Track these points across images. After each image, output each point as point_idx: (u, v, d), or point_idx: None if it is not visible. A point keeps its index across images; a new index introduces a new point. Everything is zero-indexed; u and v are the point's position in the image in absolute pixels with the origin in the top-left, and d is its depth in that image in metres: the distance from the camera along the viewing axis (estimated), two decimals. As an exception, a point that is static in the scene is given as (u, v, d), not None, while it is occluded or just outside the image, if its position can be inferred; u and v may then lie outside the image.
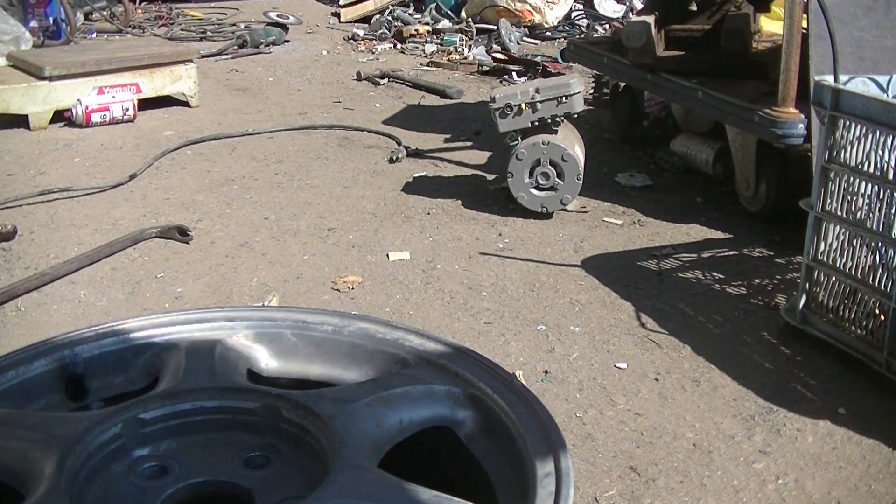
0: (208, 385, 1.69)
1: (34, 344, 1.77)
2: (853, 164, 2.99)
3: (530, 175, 4.33)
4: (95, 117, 5.77)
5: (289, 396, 1.65)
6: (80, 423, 1.54)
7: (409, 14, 9.66)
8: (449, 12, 9.53)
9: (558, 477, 1.47)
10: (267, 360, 1.90)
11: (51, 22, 7.76)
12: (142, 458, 1.57)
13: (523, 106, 4.31)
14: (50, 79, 5.76)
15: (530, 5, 9.11)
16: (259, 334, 1.92)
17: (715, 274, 3.78)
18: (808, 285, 3.20)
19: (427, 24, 9.22)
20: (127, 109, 5.90)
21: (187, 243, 4.04)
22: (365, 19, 9.79)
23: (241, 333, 1.91)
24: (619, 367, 3.10)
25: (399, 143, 5.47)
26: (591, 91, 6.25)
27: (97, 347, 1.82)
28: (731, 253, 4.00)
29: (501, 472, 1.64)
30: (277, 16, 9.14)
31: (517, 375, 3.00)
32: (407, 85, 7.20)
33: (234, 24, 9.41)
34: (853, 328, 3.05)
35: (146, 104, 6.13)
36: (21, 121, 5.70)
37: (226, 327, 1.92)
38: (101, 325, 1.87)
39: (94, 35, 8.65)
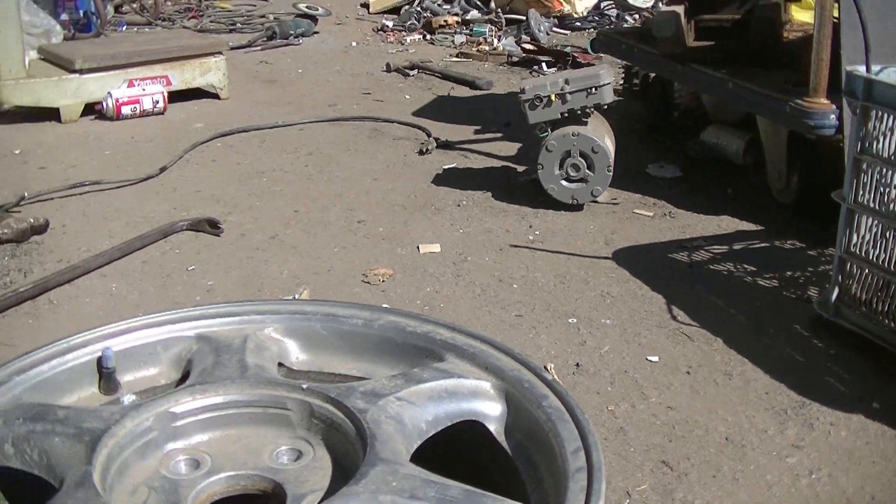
0: (239, 378, 1.70)
1: (67, 337, 1.78)
2: (886, 155, 2.96)
3: (560, 167, 4.32)
4: (126, 110, 5.79)
5: (319, 390, 1.65)
6: (111, 417, 1.55)
7: (438, 5, 9.64)
8: (478, 3, 9.51)
9: (590, 471, 1.46)
10: (297, 354, 1.91)
11: (81, 15, 7.80)
12: (173, 452, 1.58)
13: (553, 97, 4.30)
14: (81, 72, 5.79)
15: (560, -5, 9.08)
16: (289, 328, 1.92)
17: (747, 266, 3.76)
18: (840, 278, 3.17)
19: (456, 14, 9.20)
20: (157, 102, 5.92)
21: (218, 236, 4.05)
22: (394, 10, 9.78)
23: (271, 327, 1.91)
24: (651, 361, 3.09)
25: (429, 135, 5.47)
26: (621, 82, 6.22)
27: (128, 341, 1.83)
28: (762, 245, 3.98)
29: (532, 466, 1.64)
30: (307, 7, 9.14)
31: (548, 368, 2.99)
32: (436, 76, 7.19)
33: (264, 16, 9.43)
34: (887, 321, 3.02)
35: (176, 96, 6.15)
36: (52, 114, 5.73)
37: (256, 321, 1.92)
38: (133, 319, 1.87)
39: (124, 28, 8.69)
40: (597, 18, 9.21)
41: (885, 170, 2.98)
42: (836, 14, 3.81)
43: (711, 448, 2.64)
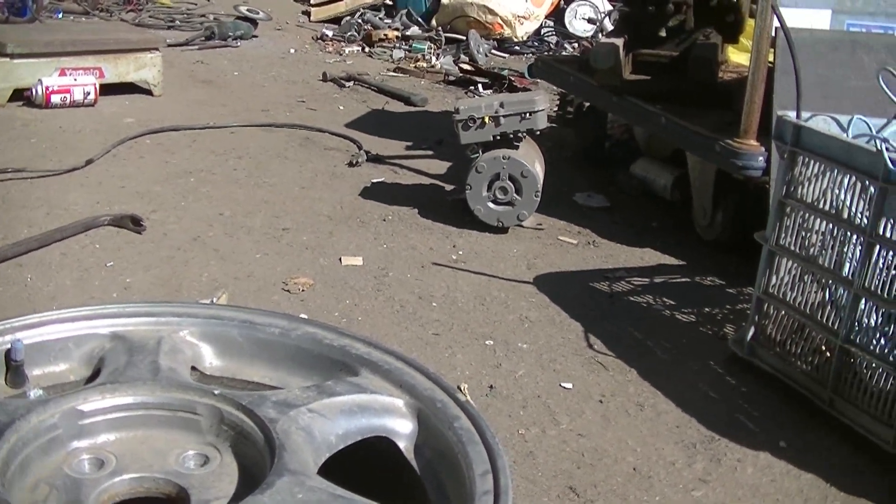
0: (150, 380, 1.68)
1: (-25, 327, 1.75)
2: (809, 200, 3.01)
3: (488, 189, 4.33)
4: (56, 99, 5.71)
5: (231, 397, 1.64)
6: (16, 411, 1.52)
7: (380, 18, 9.65)
8: (419, 19, 9.53)
9: (497, 495, 1.46)
10: (211, 359, 1.89)
11: (17, -2, 7.69)
12: (78, 450, 1.55)
13: (486, 119, 4.31)
14: (12, 56, 5.70)
15: (501, 19, 9.13)
16: (205, 332, 1.90)
17: (666, 300, 3.80)
18: (757, 317, 3.22)
19: (397, 29, 9.21)
20: (88, 93, 5.85)
21: (140, 233, 4.01)
22: (335, 20, 9.77)
23: (186, 330, 1.89)
24: (565, 387, 3.10)
25: (360, 148, 5.46)
26: (556, 109, 6.26)
27: (40, 334, 1.80)
28: (683, 280, 4.02)
29: (440, 486, 1.63)
30: (248, 10, 9.10)
31: (462, 389, 2.99)
32: (372, 89, 7.19)
33: (204, 15, 9.36)
34: (799, 363, 3.07)
35: (108, 90, 6.07)
36: (-21, 97, 5.65)
37: (172, 322, 1.90)
38: (46, 313, 1.85)
39: (60, 15, 8.57)
40: (536, 44, 9.27)
41: (807, 214, 3.03)
42: (771, 59, 3.86)
43: (619, 477, 2.65)
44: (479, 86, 7.49)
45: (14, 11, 7.56)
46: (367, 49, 8.74)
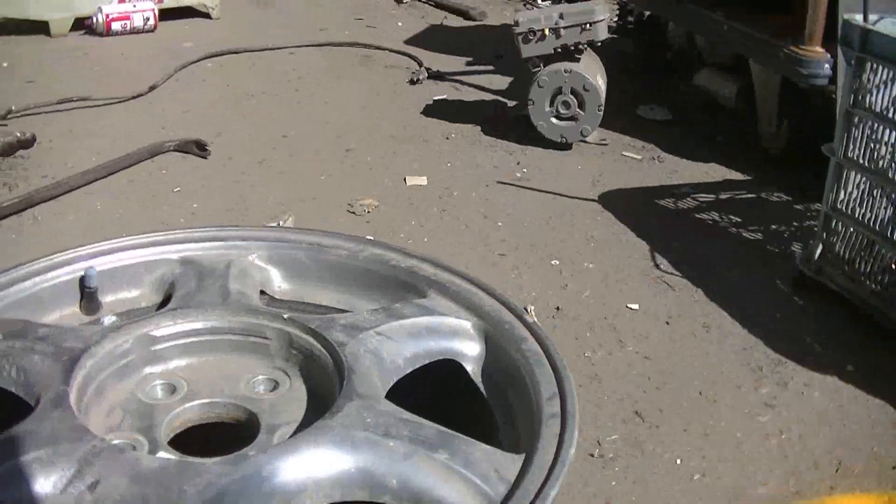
0: (220, 305, 1.69)
1: (50, 255, 1.76)
2: (878, 109, 2.91)
3: (551, 104, 4.29)
4: (116, 26, 5.73)
5: (300, 321, 1.65)
6: (91, 338, 1.54)
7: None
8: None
9: (564, 419, 1.46)
10: (280, 282, 1.90)
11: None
12: (151, 376, 1.57)
13: (546, 31, 4.25)
14: (72, -16, 5.73)
15: (560, -72, 8.99)
16: (273, 255, 1.91)
17: (732, 217, 3.75)
18: (825, 234, 3.14)
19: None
20: (148, 19, 5.86)
21: (205, 158, 4.03)
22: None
23: (255, 254, 1.90)
24: (631, 308, 3.08)
25: (420, 65, 5.43)
26: (615, 19, 6.16)
27: (112, 261, 1.81)
28: (749, 196, 3.97)
29: (507, 409, 1.64)
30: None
31: (529, 311, 2.99)
32: (430, 4, 7.12)
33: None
34: (868, 282, 2.99)
35: (167, 14, 6.09)
36: (42, 28, 5.67)
37: (240, 247, 1.91)
38: (118, 239, 1.86)
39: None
40: (596, -46, 9.10)
41: (876, 125, 2.93)
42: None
43: (684, 402, 2.64)
44: (538, -5, 7.39)
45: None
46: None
